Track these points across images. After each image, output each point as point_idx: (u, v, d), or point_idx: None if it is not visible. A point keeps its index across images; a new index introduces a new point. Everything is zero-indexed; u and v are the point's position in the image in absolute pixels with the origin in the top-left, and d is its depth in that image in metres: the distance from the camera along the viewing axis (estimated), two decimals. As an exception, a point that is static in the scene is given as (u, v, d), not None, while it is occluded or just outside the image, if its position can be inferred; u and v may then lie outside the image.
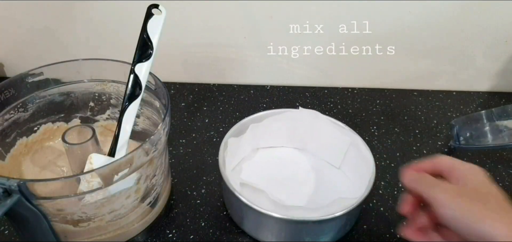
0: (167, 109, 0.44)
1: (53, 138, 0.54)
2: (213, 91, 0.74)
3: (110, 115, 0.56)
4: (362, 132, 0.64)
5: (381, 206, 0.54)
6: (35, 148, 0.52)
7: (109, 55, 0.51)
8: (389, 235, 0.51)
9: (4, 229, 0.49)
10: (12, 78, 0.47)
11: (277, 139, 0.60)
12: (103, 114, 0.56)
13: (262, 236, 0.48)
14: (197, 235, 0.50)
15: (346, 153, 0.56)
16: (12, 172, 0.48)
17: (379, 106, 0.73)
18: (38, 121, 0.52)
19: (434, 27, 0.70)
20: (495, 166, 0.61)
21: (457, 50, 0.73)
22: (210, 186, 0.56)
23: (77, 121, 0.55)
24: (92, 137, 0.47)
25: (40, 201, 0.37)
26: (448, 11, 0.68)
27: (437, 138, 0.66)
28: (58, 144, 0.53)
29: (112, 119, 0.56)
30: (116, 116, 0.55)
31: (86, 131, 0.48)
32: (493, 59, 0.74)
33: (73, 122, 0.55)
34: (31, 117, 0.51)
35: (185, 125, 0.66)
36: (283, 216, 0.45)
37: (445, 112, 0.72)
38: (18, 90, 0.48)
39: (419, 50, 0.72)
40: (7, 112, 0.48)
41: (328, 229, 0.47)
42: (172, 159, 0.59)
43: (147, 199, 0.46)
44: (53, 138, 0.54)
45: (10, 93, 0.48)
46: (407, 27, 0.69)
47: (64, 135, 0.47)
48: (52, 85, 0.51)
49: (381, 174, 0.59)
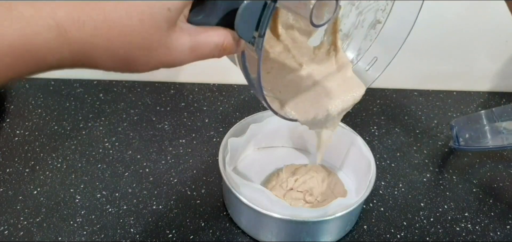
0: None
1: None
2: (213, 91, 0.74)
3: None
4: (362, 132, 0.64)
5: (381, 206, 0.54)
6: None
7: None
8: (389, 235, 0.51)
9: (4, 229, 0.49)
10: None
11: (277, 139, 0.60)
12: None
13: (262, 236, 0.48)
14: (197, 235, 0.50)
15: (346, 153, 0.56)
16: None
17: (379, 106, 0.72)
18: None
19: (434, 27, 0.70)
20: (495, 166, 0.61)
21: (457, 50, 0.73)
22: (210, 186, 0.56)
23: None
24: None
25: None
26: (448, 11, 0.68)
27: (438, 138, 0.66)
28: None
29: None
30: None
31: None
32: (493, 59, 0.74)
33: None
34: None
35: (185, 125, 0.66)
36: (283, 216, 0.45)
37: (445, 112, 0.72)
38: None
39: (419, 50, 0.72)
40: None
41: (328, 229, 0.47)
42: (172, 159, 0.59)
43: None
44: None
45: None
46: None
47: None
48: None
49: (381, 174, 0.59)
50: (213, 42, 0.29)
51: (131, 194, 0.54)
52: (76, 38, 0.24)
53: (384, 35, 0.43)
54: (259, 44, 0.28)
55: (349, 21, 0.45)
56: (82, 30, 0.24)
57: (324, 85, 0.42)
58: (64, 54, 0.25)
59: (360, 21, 0.45)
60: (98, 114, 0.67)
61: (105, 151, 0.60)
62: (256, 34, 0.28)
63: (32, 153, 0.59)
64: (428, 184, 0.58)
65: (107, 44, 0.25)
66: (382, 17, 0.43)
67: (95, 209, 0.52)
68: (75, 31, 0.24)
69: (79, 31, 0.24)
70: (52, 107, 0.67)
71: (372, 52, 0.44)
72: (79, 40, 0.25)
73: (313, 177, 0.52)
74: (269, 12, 0.27)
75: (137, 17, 0.25)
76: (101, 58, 0.26)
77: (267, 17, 0.28)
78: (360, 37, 0.45)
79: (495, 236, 0.51)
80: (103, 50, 0.25)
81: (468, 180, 0.59)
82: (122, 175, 0.56)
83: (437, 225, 0.52)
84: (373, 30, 0.44)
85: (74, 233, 0.49)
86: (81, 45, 0.25)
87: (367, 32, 0.44)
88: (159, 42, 0.26)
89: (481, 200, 0.56)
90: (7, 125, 0.63)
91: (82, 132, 0.63)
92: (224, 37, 0.29)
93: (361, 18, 0.45)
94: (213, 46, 0.29)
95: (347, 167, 0.56)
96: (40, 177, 0.55)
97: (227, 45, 0.29)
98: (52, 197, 0.53)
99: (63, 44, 0.24)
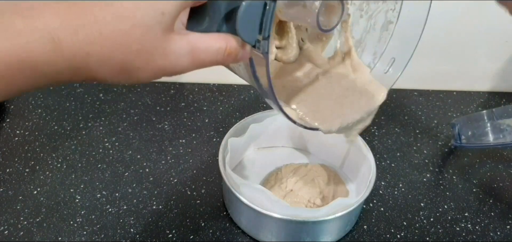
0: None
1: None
2: (213, 91, 0.74)
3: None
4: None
5: (381, 206, 0.54)
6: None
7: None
8: (389, 235, 0.51)
9: (4, 229, 0.49)
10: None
11: (277, 139, 0.60)
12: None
13: (262, 236, 0.48)
14: (197, 235, 0.50)
15: (346, 153, 0.56)
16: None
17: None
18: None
19: (434, 27, 0.69)
20: (495, 166, 0.61)
21: (457, 50, 0.73)
22: (210, 186, 0.56)
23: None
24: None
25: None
26: (449, 11, 0.68)
27: (438, 138, 0.66)
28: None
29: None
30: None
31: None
32: (493, 59, 0.74)
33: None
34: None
35: (185, 125, 0.66)
36: (283, 216, 0.45)
37: (445, 112, 0.72)
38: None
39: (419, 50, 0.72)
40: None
41: (328, 229, 0.47)
42: (172, 159, 0.59)
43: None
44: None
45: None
46: (407, 27, 0.69)
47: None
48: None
49: (381, 174, 0.59)
50: (215, 46, 0.28)
51: (131, 194, 0.54)
52: (70, 47, 0.24)
53: (399, 34, 0.43)
54: (265, 47, 0.28)
55: (360, 27, 0.45)
56: (75, 39, 0.24)
57: (345, 93, 0.41)
58: (61, 65, 0.25)
59: (371, 25, 0.44)
60: (98, 114, 0.67)
61: (105, 151, 0.60)
62: (260, 37, 0.28)
63: (32, 153, 0.59)
64: (428, 184, 0.58)
65: (101, 50, 0.25)
66: (393, 17, 0.43)
67: (95, 209, 0.52)
68: (69, 40, 0.24)
69: (73, 39, 0.24)
70: (52, 107, 0.67)
71: (388, 53, 0.44)
72: (73, 48, 0.24)
73: (314, 179, 0.52)
74: (270, 13, 0.27)
75: (130, 22, 0.25)
76: (98, 66, 0.25)
77: (268, 18, 0.27)
78: (374, 41, 0.45)
79: (495, 236, 0.51)
80: (98, 57, 0.25)
81: (468, 180, 0.59)
82: (122, 175, 0.56)
83: (437, 225, 0.52)
84: (386, 31, 0.44)
85: (74, 233, 0.49)
86: (76, 54, 0.24)
87: (381, 35, 0.44)
88: (154, 46, 0.26)
89: (481, 200, 0.56)
90: (7, 125, 0.63)
91: (82, 132, 0.63)
92: (226, 41, 0.28)
93: (372, 22, 0.44)
94: (215, 50, 0.28)
95: (347, 167, 0.56)
96: (40, 177, 0.55)
97: (231, 49, 0.28)
98: (52, 197, 0.53)
99: (59, 55, 0.24)
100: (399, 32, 0.43)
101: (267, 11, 0.27)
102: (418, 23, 0.40)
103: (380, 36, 0.44)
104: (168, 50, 0.26)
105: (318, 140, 0.58)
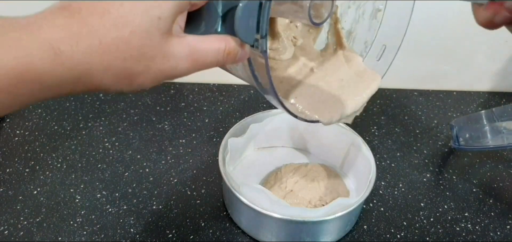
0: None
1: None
2: (213, 91, 0.74)
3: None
4: (362, 132, 0.64)
5: (382, 206, 0.54)
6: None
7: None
8: (389, 235, 0.51)
9: (4, 229, 0.49)
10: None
11: (277, 139, 0.60)
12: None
13: (262, 236, 0.48)
14: (197, 235, 0.50)
15: (346, 153, 0.56)
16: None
17: (379, 106, 0.72)
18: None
19: (434, 27, 0.70)
20: (495, 166, 0.61)
21: (457, 50, 0.73)
22: (210, 186, 0.56)
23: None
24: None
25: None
26: (448, 11, 0.68)
27: (438, 138, 0.66)
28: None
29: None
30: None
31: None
32: (493, 59, 0.74)
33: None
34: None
35: (185, 125, 0.66)
36: (283, 216, 0.45)
37: (445, 112, 0.72)
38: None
39: (419, 50, 0.72)
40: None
41: (328, 229, 0.47)
42: (172, 159, 0.59)
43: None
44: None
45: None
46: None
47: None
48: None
49: (381, 174, 0.59)
50: (214, 47, 0.28)
51: (131, 194, 0.54)
52: (71, 57, 0.24)
53: (388, 21, 0.43)
54: (263, 46, 0.28)
55: (349, 17, 0.45)
56: (76, 49, 0.24)
57: (340, 84, 0.42)
58: (63, 76, 0.25)
59: (360, 14, 0.45)
60: (98, 114, 0.67)
61: (105, 151, 0.60)
62: (258, 36, 0.28)
63: (32, 153, 0.59)
64: (428, 184, 0.58)
65: (102, 59, 0.25)
66: (381, 4, 0.43)
67: (95, 209, 0.52)
68: (70, 50, 0.24)
69: (73, 50, 0.24)
70: (52, 107, 0.67)
71: (379, 41, 0.44)
72: (74, 59, 0.24)
73: (314, 179, 0.52)
74: (266, 12, 0.27)
75: (128, 29, 0.25)
76: (100, 75, 0.26)
77: (265, 17, 0.27)
78: (363, 30, 0.45)
79: (495, 236, 0.51)
80: (99, 66, 0.25)
81: (468, 180, 0.59)
82: (122, 175, 0.56)
83: (437, 225, 0.52)
84: (375, 19, 0.44)
85: (74, 233, 0.49)
86: (77, 64, 0.25)
87: (370, 23, 0.44)
88: (154, 51, 0.26)
89: (481, 200, 0.56)
90: (7, 125, 0.63)
91: (82, 132, 0.63)
92: (225, 42, 0.29)
93: (360, 12, 0.45)
94: (215, 51, 0.28)
95: (347, 167, 0.56)
96: (40, 177, 0.55)
97: (230, 49, 0.29)
98: (52, 197, 0.53)
99: (60, 66, 0.24)
100: (388, 19, 0.43)
101: (262, 9, 0.27)
102: (406, 7, 0.41)
103: (369, 25, 0.45)
104: (167, 53, 0.27)
105: (318, 140, 0.58)
